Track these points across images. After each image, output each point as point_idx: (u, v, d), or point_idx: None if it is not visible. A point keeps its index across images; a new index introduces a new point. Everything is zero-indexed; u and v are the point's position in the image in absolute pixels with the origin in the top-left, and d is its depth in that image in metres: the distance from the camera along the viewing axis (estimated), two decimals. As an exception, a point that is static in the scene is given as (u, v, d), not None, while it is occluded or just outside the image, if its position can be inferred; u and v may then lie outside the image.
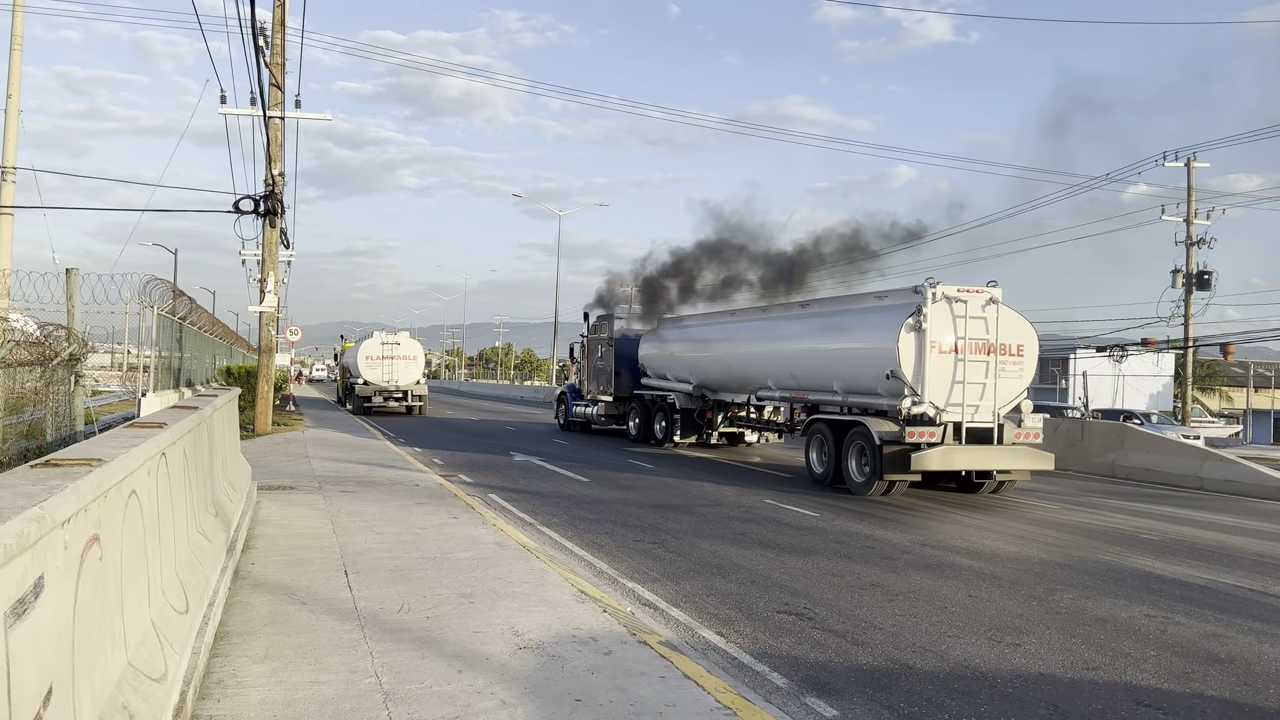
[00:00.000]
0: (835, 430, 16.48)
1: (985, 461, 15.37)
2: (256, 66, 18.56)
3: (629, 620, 6.84)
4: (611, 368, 26.77)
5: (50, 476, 3.25)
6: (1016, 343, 15.41)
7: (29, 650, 2.51)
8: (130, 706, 3.52)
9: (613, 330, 27.21)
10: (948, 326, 15.03)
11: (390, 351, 35.62)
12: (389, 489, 13.45)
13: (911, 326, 14.96)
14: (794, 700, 5.60)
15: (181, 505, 5.77)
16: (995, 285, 15.38)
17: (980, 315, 15.19)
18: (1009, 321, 15.41)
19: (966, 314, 15.10)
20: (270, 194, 22.22)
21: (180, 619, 4.89)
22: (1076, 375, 44.91)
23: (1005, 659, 6.56)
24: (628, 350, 26.32)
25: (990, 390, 15.18)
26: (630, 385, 26.16)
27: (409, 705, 4.89)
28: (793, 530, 11.67)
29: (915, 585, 8.79)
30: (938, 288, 15.04)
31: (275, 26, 22.41)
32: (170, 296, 17.87)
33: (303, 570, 7.99)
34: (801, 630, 7.15)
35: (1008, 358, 15.33)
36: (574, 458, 20.56)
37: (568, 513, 12.60)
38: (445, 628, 6.36)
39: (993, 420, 15.28)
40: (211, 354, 29.72)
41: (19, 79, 22.00)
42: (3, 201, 21.83)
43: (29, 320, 13.12)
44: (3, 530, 2.34)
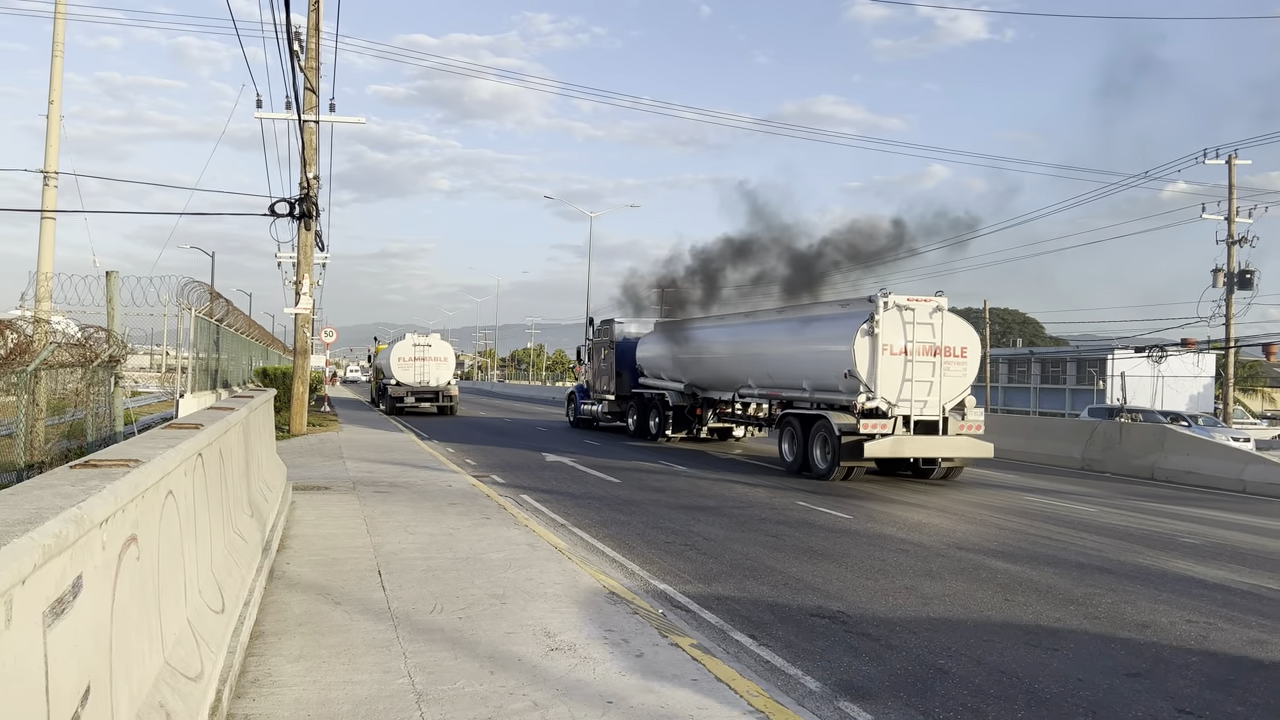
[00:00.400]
0: (803, 423, 18.38)
1: (931, 450, 17.27)
2: (291, 71, 18.76)
3: (660, 622, 6.83)
4: (613, 369, 28.76)
5: (89, 477, 3.28)
6: (960, 345, 17.35)
7: (67, 649, 2.54)
8: (167, 705, 3.55)
9: (613, 334, 29.27)
10: (898, 331, 16.95)
11: (422, 353, 36.40)
12: (422, 490, 13.53)
13: (866, 331, 16.89)
14: (828, 704, 5.55)
15: (218, 506, 5.83)
16: (942, 295, 17.38)
17: (928, 321, 17.07)
18: (953, 327, 17.35)
19: (915, 320, 17.02)
20: (305, 197, 22.44)
21: (216, 618, 4.93)
22: (1114, 376, 44.32)
23: (1043, 664, 6.47)
24: (627, 352, 28.24)
25: (936, 388, 17.06)
26: (630, 384, 27.96)
27: (441, 706, 4.90)
28: (826, 533, 11.59)
29: (949, 589, 8.70)
30: (889, 297, 16.92)
31: (310, 31, 22.63)
32: (207, 299, 18.09)
33: (337, 570, 8.05)
34: (835, 633, 7.10)
35: (952, 359, 17.25)
36: (604, 458, 20.58)
37: (599, 514, 12.60)
38: (478, 628, 6.38)
39: (939, 414, 17.13)
40: (248, 355, 30.06)
41: (61, 85, 22.38)
42: (45, 206, 22.22)
43: (70, 322, 13.34)
44: (41, 531, 2.37)
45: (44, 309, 16.61)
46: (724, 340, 23.05)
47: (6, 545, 2.18)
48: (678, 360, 25.27)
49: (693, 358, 24.45)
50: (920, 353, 17.02)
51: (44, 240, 22.18)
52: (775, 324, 21.06)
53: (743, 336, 22.24)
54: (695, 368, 24.35)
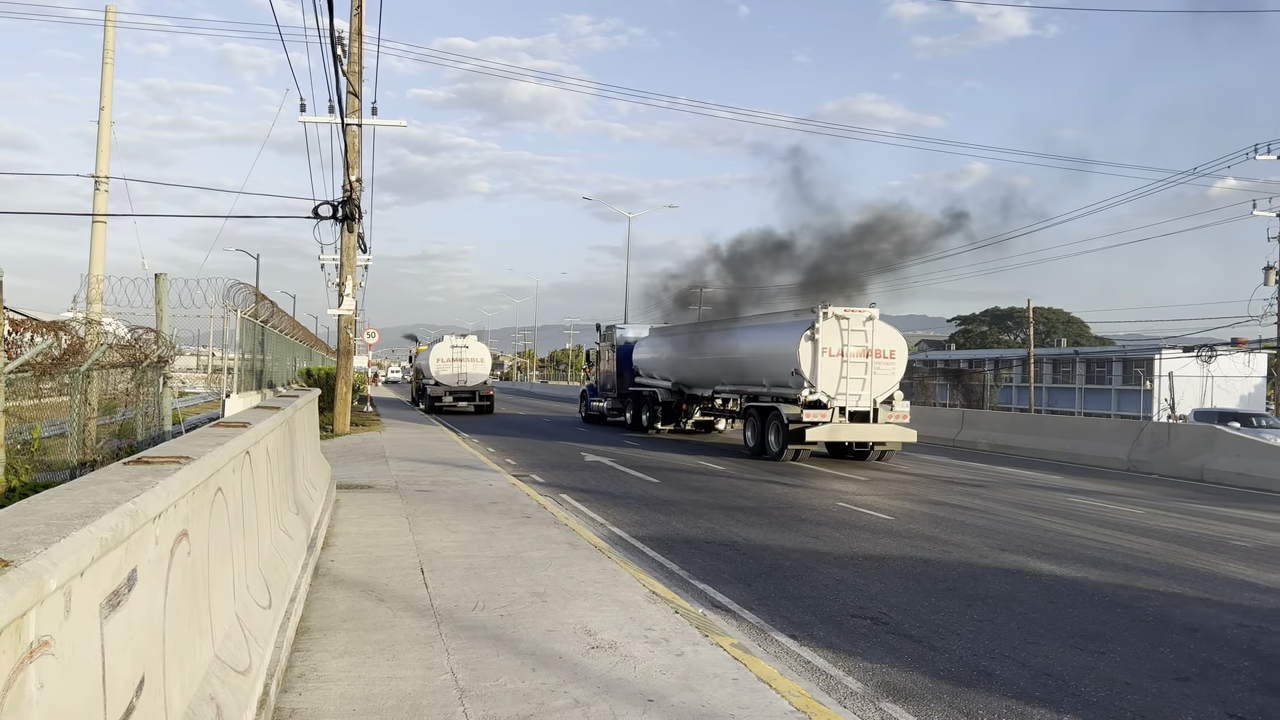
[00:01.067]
0: (761, 414, 21.73)
1: (863, 435, 20.33)
2: (335, 75, 19.01)
3: (701, 621, 6.83)
4: (615, 370, 32.21)
5: (142, 473, 3.36)
6: (889, 348, 20.55)
7: (122, 641, 2.60)
8: (217, 698, 3.62)
9: (614, 339, 32.93)
10: (835, 337, 20.12)
11: (459, 354, 37.67)
12: (463, 488, 13.64)
13: (808, 337, 20.07)
14: (869, 705, 5.52)
15: (264, 503, 5.93)
16: (874, 306, 20.67)
17: (861, 329, 20.26)
18: (883, 333, 20.46)
19: (850, 327, 20.20)
20: (348, 199, 22.71)
21: (263, 613, 5.02)
22: (1162, 376, 43.55)
23: (1089, 667, 6.38)
24: (626, 355, 31.52)
25: (868, 383, 20.26)
26: (628, 383, 31.30)
27: (483, 702, 4.95)
28: (867, 534, 11.52)
29: (992, 590, 8.61)
30: (828, 308, 20.21)
31: (352, 36, 22.91)
32: (253, 300, 18.37)
33: (380, 567, 8.15)
34: (876, 634, 7.05)
35: (882, 359, 20.44)
36: (640, 457, 20.60)
37: (638, 513, 12.62)
38: (519, 626, 6.42)
39: (870, 405, 20.25)
40: (292, 356, 30.48)
41: (111, 92, 22.86)
42: (97, 210, 22.70)
43: (120, 324, 13.62)
44: (98, 524, 2.43)
45: (95, 311, 16.98)
46: (704, 344, 26.13)
47: (65, 538, 2.24)
48: (666, 362, 28.56)
49: (678, 359, 27.65)
50: (855, 354, 20.23)
51: (95, 243, 22.66)
52: (741, 330, 24.37)
53: (717, 341, 25.43)
54: (680, 368, 27.58)
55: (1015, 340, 69.46)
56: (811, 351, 20.05)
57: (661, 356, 28.94)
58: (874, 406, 20.25)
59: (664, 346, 29.09)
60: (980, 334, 74.89)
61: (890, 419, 20.24)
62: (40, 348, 8.84)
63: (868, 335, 20.27)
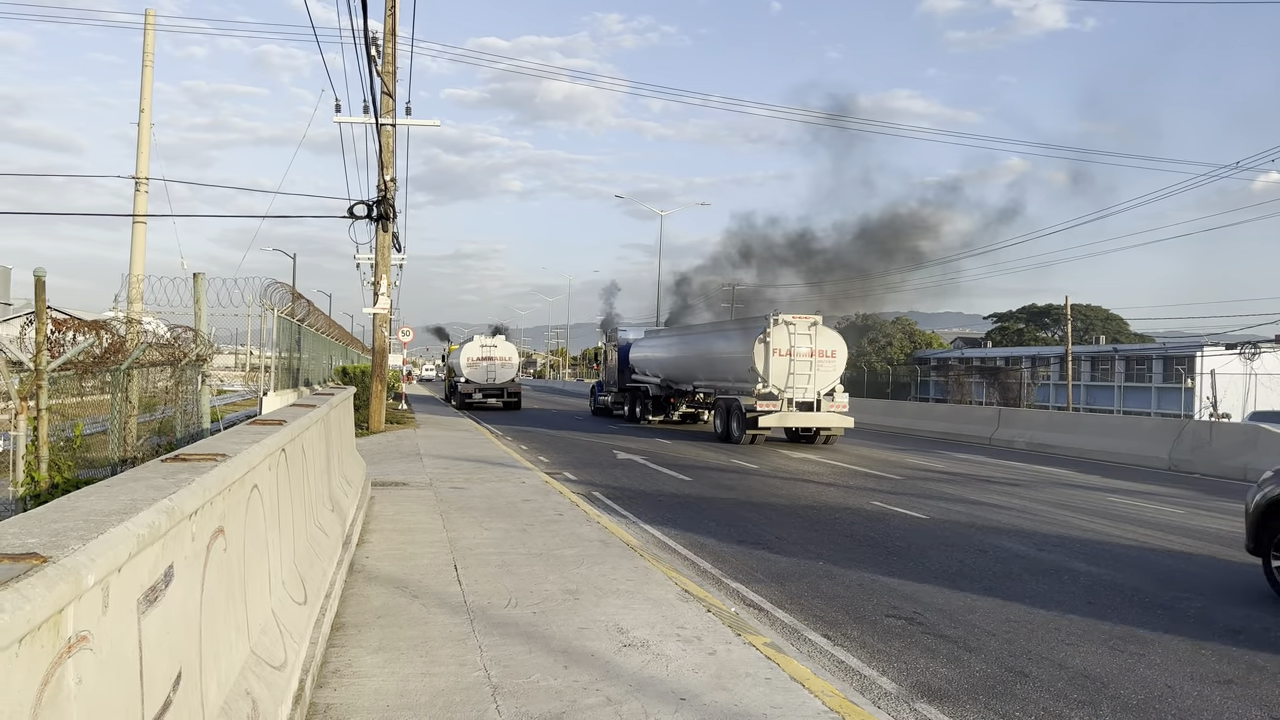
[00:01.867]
0: (726, 405, 25.23)
1: (806, 422, 23.95)
2: (369, 75, 19.16)
3: (733, 620, 6.80)
4: (616, 368, 35.92)
5: (179, 471, 3.40)
6: (830, 349, 24.21)
7: (160, 636, 2.63)
8: (253, 693, 3.66)
9: (617, 340, 36.84)
10: (784, 339, 23.67)
11: (488, 353, 40.13)
12: (496, 486, 13.70)
13: (761, 339, 23.68)
14: (904, 706, 5.47)
15: (300, 500, 5.98)
16: (819, 314, 24.64)
17: (806, 332, 23.93)
18: (825, 335, 24.23)
19: (796, 331, 23.76)
20: (382, 199, 22.88)
21: (299, 609, 5.07)
22: (1203, 374, 42.83)
23: (1128, 669, 6.28)
24: (625, 355, 35.19)
25: (812, 378, 23.83)
26: (626, 380, 35.02)
27: (516, 699, 4.96)
28: (902, 533, 11.42)
29: (1028, 590, 8.50)
30: (778, 316, 23.92)
31: (386, 36, 23.07)
32: (289, 299, 18.55)
33: (414, 564, 8.20)
34: (911, 634, 6.99)
35: (824, 359, 24.02)
36: (673, 454, 20.59)
37: (670, 511, 12.61)
38: (551, 623, 6.44)
39: (814, 397, 23.82)
40: (328, 354, 30.77)
41: (150, 94, 23.20)
42: (137, 211, 23.05)
43: (160, 323, 13.82)
44: (135, 521, 2.46)
45: (135, 310, 17.24)
46: (684, 346, 30.20)
47: (103, 534, 2.27)
48: (656, 361, 32.20)
49: (665, 359, 31.34)
50: (801, 354, 23.70)
51: (135, 244, 23.01)
52: (712, 335, 28.70)
53: (693, 344, 29.41)
54: (667, 367, 31.22)
55: (1053, 338, 68.62)
56: (764, 352, 23.59)
57: (652, 356, 32.74)
58: (818, 398, 23.83)
59: (654, 348, 32.99)
60: (1017, 331, 74.05)
61: (831, 408, 23.85)
62: (82, 346, 8.98)
63: (812, 338, 23.90)
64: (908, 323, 74.03)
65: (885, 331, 70.60)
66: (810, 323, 24.08)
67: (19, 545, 2.10)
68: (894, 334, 70.36)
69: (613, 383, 36.72)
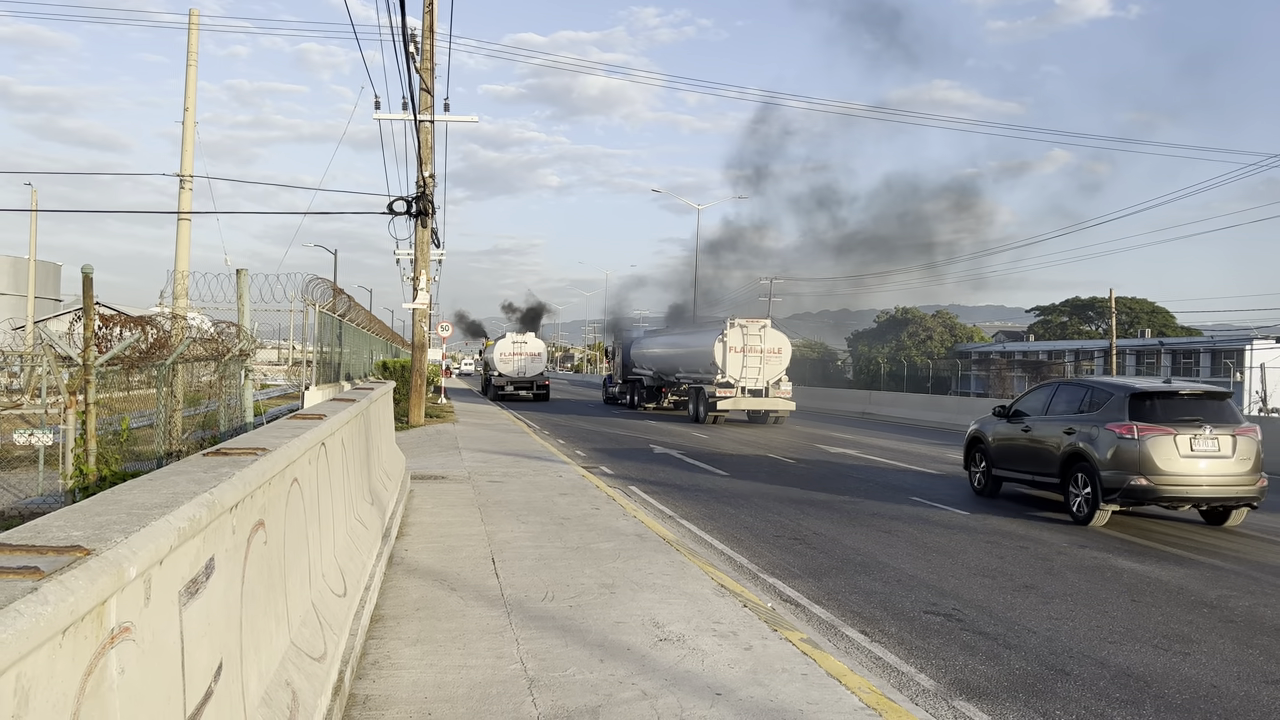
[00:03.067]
0: (696, 392, 31.30)
1: (757, 405, 29.45)
2: (408, 72, 19.28)
3: (770, 616, 6.79)
4: (621, 362, 41.65)
5: (220, 464, 3.45)
6: (777, 347, 30.01)
7: (201, 628, 2.68)
8: (293, 684, 3.71)
9: (622, 339, 43.32)
10: (739, 339, 29.53)
11: (519, 349, 43.85)
12: (533, 479, 13.77)
13: (720, 339, 29.64)
14: (942, 703, 5.43)
15: (340, 493, 6.05)
16: (768, 318, 31.42)
17: (757, 333, 29.67)
18: (772, 336, 30.05)
19: (749, 332, 29.58)
20: (421, 195, 23.05)
21: (338, 601, 5.13)
22: (1253, 368, 41.93)
23: (1173, 668, 6.18)
24: (628, 351, 40.86)
25: (762, 370, 29.52)
26: (629, 373, 40.50)
27: (552, 692, 4.99)
28: (941, 529, 11.32)
29: (1070, 587, 8.39)
30: (735, 320, 30.09)
31: (424, 33, 23.21)
32: (330, 295, 18.76)
33: (452, 557, 8.27)
34: (950, 631, 6.93)
35: (772, 354, 29.75)
36: (708, 449, 20.57)
37: (706, 506, 12.60)
38: (587, 617, 6.46)
39: (763, 386, 29.43)
40: (368, 349, 31.09)
41: (195, 93, 23.56)
42: (182, 208, 23.43)
43: (204, 318, 14.03)
44: (176, 515, 2.50)
45: (181, 305, 17.53)
46: (668, 343, 36.53)
47: (145, 527, 2.31)
48: (649, 357, 38.01)
49: (655, 355, 37.31)
50: (752, 350, 29.43)
51: (180, 240, 23.38)
52: (686, 335, 35.26)
53: (674, 342, 35.73)
54: (657, 362, 36.96)
55: (1097, 331, 67.45)
56: (722, 349, 29.51)
57: (646, 353, 38.59)
58: (766, 386, 29.52)
59: (647, 346, 39.12)
60: (1060, 325, 72.89)
61: (777, 394, 29.60)
62: (128, 342, 9.16)
63: (761, 338, 29.74)
64: (948, 316, 73.17)
65: (925, 325, 69.83)
66: (761, 325, 30.06)
67: (63, 538, 2.15)
68: (934, 327, 69.56)
69: (618, 376, 42.27)
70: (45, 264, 56.11)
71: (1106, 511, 11.63)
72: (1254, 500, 11.53)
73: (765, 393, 29.27)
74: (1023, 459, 13.21)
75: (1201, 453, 11.24)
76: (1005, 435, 13.60)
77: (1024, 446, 13.18)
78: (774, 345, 29.82)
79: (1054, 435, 12.49)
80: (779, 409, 29.69)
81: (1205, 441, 11.25)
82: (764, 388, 29.28)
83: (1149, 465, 11.16)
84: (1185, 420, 11.38)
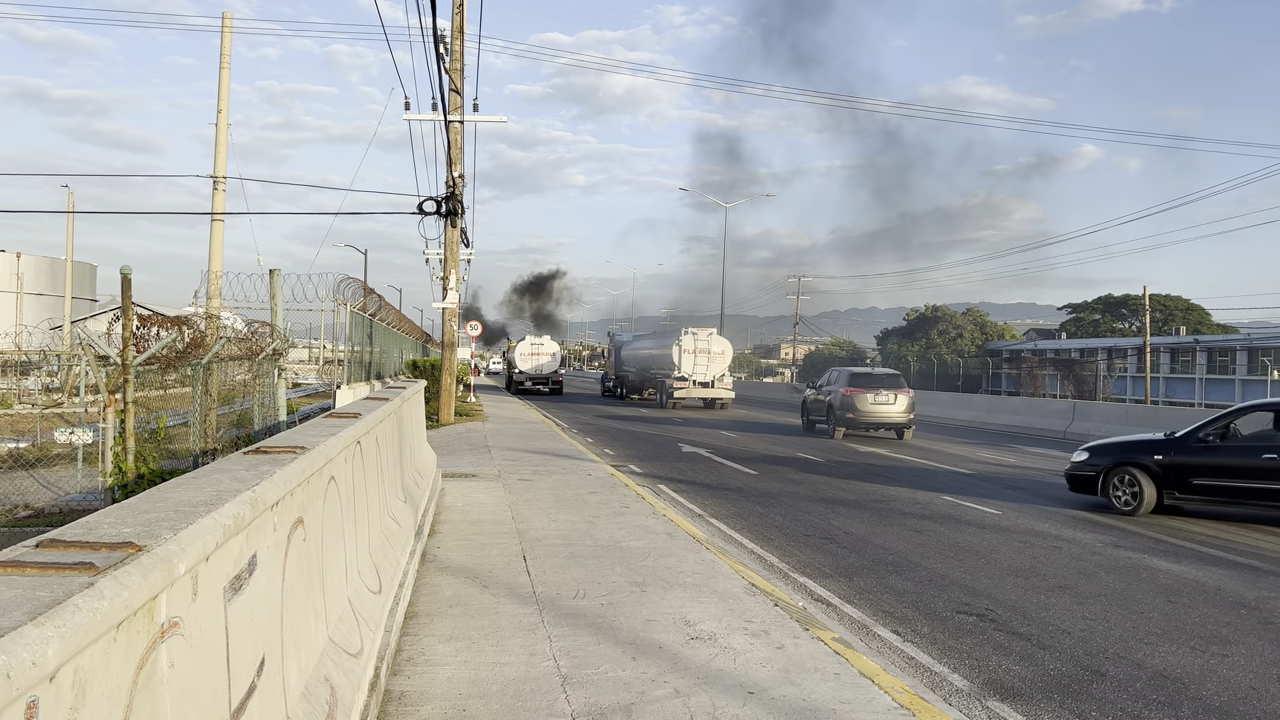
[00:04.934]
0: (660, 384, 39.35)
1: (704, 394, 37.21)
2: (437, 73, 19.39)
3: (801, 615, 6.78)
4: (614, 361, 49.92)
5: (261, 463, 3.50)
6: (721, 349, 38.03)
7: (244, 623, 2.72)
8: (331, 679, 3.76)
9: (614, 342, 51.81)
10: (691, 343, 37.41)
11: (536, 349, 50.12)
12: (563, 478, 13.82)
13: (676, 343, 37.46)
14: (976, 703, 5.40)
15: (374, 491, 6.11)
16: (714, 329, 40.51)
17: (705, 339, 37.78)
18: (717, 341, 38.09)
19: (698, 338, 37.60)
20: (451, 195, 23.17)
21: (374, 598, 5.18)
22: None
23: (1210, 669, 6.11)
24: (619, 351, 49.10)
25: (709, 368, 37.38)
26: (619, 370, 48.26)
27: (585, 689, 5.01)
28: (973, 528, 11.25)
29: (1105, 588, 8.31)
30: (688, 329, 38.25)
31: (454, 34, 23.33)
32: (361, 294, 18.90)
33: (484, 555, 8.33)
34: (983, 631, 6.89)
35: (717, 355, 37.79)
36: (740, 448, 20.54)
37: (736, 504, 12.59)
38: (619, 615, 6.48)
39: (711, 379, 37.28)
40: (399, 348, 31.30)
41: (228, 95, 23.82)
42: (216, 209, 23.70)
43: (237, 318, 14.20)
44: (222, 512, 2.55)
45: (215, 305, 17.73)
46: (643, 347, 45.07)
47: (192, 524, 2.35)
48: (633, 357, 46.18)
49: (638, 355, 45.35)
50: (701, 352, 37.48)
51: (214, 241, 23.66)
52: (654, 339, 44.17)
53: (648, 345, 44.36)
54: (639, 361, 44.86)
55: (1130, 329, 66.59)
56: (678, 351, 37.56)
57: (631, 354, 46.99)
58: (712, 379, 37.71)
59: (632, 348, 47.31)
60: (1093, 322, 72.04)
61: (720, 386, 37.93)
62: (165, 341, 9.28)
63: (709, 343, 37.98)
64: (979, 314, 72.55)
65: (955, 323, 69.29)
66: (709, 332, 38.86)
67: (115, 535, 2.20)
68: (964, 325, 69.02)
69: (611, 373, 50.65)
70: (81, 265, 56.98)
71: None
72: None
73: (712, 385, 37.72)
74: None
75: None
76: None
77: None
78: (719, 348, 38.21)
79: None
80: (722, 396, 38.16)
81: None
82: (711, 380, 37.69)
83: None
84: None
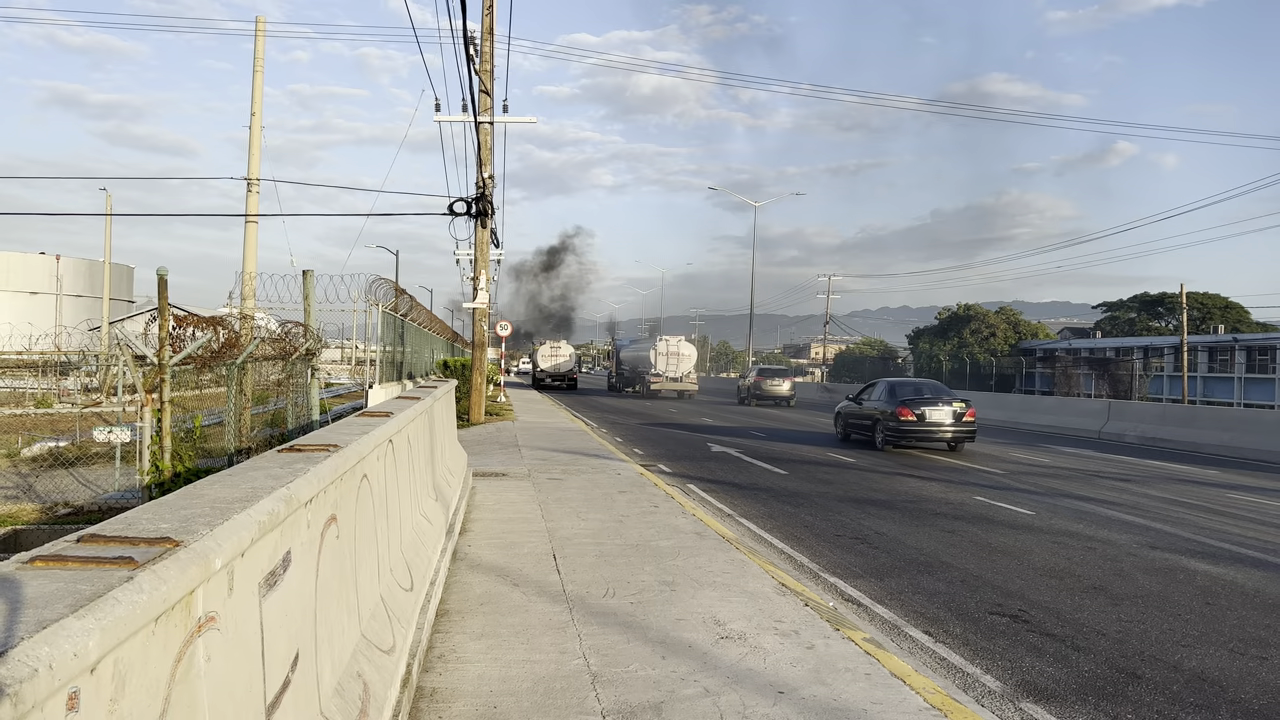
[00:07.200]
0: (641, 378, 53.22)
1: (674, 387, 50.20)
2: (468, 75, 19.51)
3: (831, 615, 6.75)
4: (615, 361, 61.56)
5: (294, 461, 3.55)
6: (688, 352, 51.22)
7: (279, 619, 2.76)
8: (364, 675, 3.80)
9: (616, 344, 64.60)
10: (664, 347, 50.85)
11: (555, 351, 59.50)
12: (592, 477, 13.85)
13: (653, 347, 51.49)
14: (1009, 705, 5.36)
15: (406, 489, 6.16)
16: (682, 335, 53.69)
17: (676, 344, 50.97)
18: (685, 345, 51.40)
19: (670, 343, 51.03)
20: (481, 196, 23.30)
21: (406, 595, 5.23)
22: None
23: (1249, 672, 6.02)
24: (620, 353, 60.68)
25: (678, 366, 50.44)
26: (619, 369, 59.56)
27: (615, 688, 5.02)
28: (1006, 528, 11.15)
29: (1142, 589, 8.21)
30: (662, 336, 52.92)
31: (484, 35, 23.45)
32: (392, 295, 19.04)
33: (514, 553, 8.37)
34: (1016, 632, 6.83)
35: (685, 356, 50.95)
36: (765, 448, 20.49)
37: (765, 505, 12.56)
38: (648, 614, 6.49)
39: (679, 375, 50.41)
40: (430, 348, 31.51)
41: (261, 99, 24.09)
42: (249, 211, 23.98)
43: (271, 318, 14.36)
44: (257, 508, 2.58)
45: (249, 306, 17.94)
46: (633, 350, 56.71)
47: (228, 521, 2.39)
48: (628, 358, 57.11)
49: (631, 356, 56.20)
50: (672, 354, 49.76)
51: (248, 242, 23.93)
52: (640, 344, 56.52)
53: (636, 348, 55.82)
54: (633, 361, 55.44)
55: (1166, 328, 65.64)
56: (654, 354, 49.26)
57: (627, 355, 57.97)
58: (681, 375, 49.29)
59: (628, 350, 58.79)
60: (1128, 321, 71.06)
61: (687, 380, 49.45)
62: (200, 342, 9.41)
63: (678, 347, 49.60)
64: (1012, 313, 71.77)
65: (988, 322, 68.59)
66: (678, 339, 50.65)
67: (153, 530, 2.23)
68: (997, 324, 68.30)
69: (614, 371, 62.18)
70: (119, 266, 57.85)
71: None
72: None
73: (680, 380, 49.69)
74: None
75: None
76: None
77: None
78: (687, 352, 50.38)
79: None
80: (688, 389, 50.07)
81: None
82: (680, 376, 49.77)
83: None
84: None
